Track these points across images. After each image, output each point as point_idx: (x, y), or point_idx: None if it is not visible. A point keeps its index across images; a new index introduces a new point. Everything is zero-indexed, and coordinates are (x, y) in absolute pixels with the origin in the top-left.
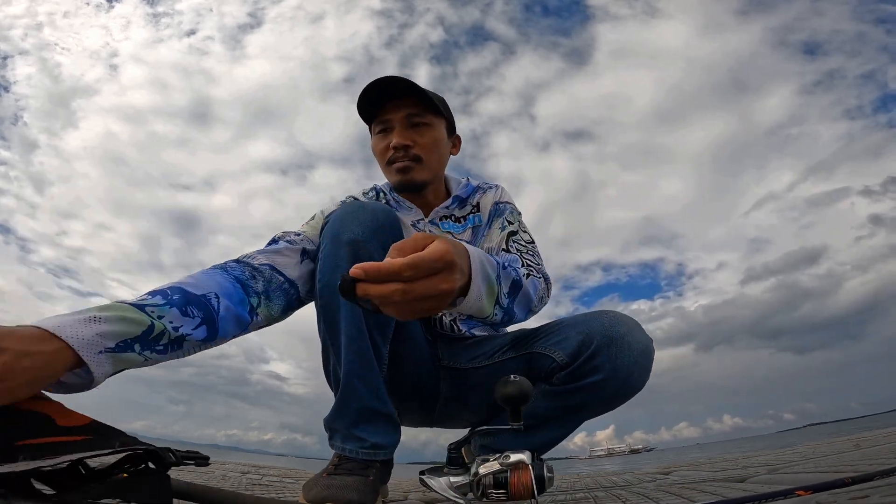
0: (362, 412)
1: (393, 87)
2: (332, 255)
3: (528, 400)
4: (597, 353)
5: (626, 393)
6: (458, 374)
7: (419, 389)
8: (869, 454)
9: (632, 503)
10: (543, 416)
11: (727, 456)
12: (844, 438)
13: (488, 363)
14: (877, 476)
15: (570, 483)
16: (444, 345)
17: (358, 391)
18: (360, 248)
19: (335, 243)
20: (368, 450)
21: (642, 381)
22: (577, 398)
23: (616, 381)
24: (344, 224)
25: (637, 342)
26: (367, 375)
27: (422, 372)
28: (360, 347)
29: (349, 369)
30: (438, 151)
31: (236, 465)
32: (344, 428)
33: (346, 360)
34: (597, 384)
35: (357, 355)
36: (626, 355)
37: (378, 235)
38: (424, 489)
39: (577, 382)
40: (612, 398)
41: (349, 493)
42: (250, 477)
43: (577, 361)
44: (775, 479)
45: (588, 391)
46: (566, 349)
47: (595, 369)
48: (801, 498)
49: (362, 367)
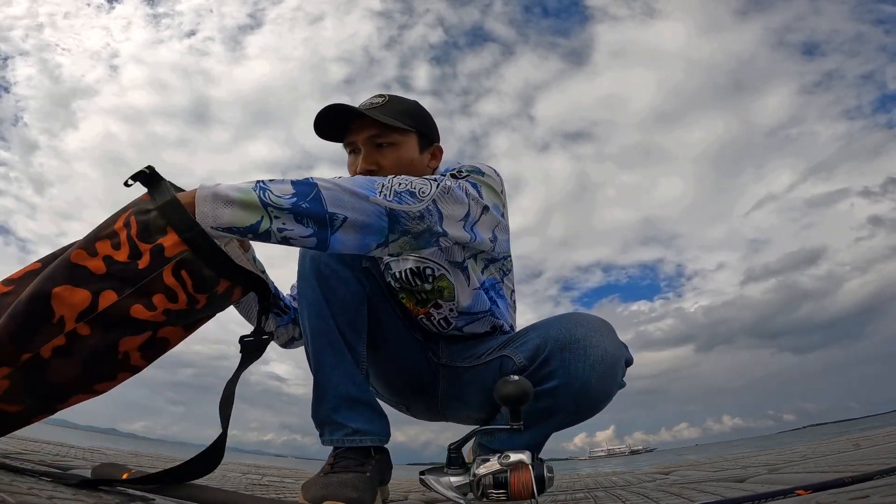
0: (339, 399)
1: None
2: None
3: (527, 400)
4: (550, 358)
5: (588, 402)
6: (454, 372)
7: (417, 386)
8: (869, 454)
9: (632, 503)
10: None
11: (727, 456)
12: (844, 438)
13: (476, 363)
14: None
15: (570, 483)
16: (444, 344)
17: (331, 379)
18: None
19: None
20: (353, 436)
21: (605, 389)
22: (541, 402)
23: (571, 388)
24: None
25: (595, 347)
26: (340, 365)
27: (416, 370)
28: (330, 340)
29: (318, 360)
30: (406, 170)
31: (236, 465)
32: (326, 416)
33: (315, 354)
34: (553, 391)
35: (327, 345)
36: (580, 361)
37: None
38: (425, 489)
39: (538, 387)
40: (576, 407)
41: (347, 491)
42: (250, 477)
43: (532, 366)
44: (775, 479)
45: (547, 397)
46: (525, 352)
47: (549, 375)
48: (801, 497)
49: (333, 356)
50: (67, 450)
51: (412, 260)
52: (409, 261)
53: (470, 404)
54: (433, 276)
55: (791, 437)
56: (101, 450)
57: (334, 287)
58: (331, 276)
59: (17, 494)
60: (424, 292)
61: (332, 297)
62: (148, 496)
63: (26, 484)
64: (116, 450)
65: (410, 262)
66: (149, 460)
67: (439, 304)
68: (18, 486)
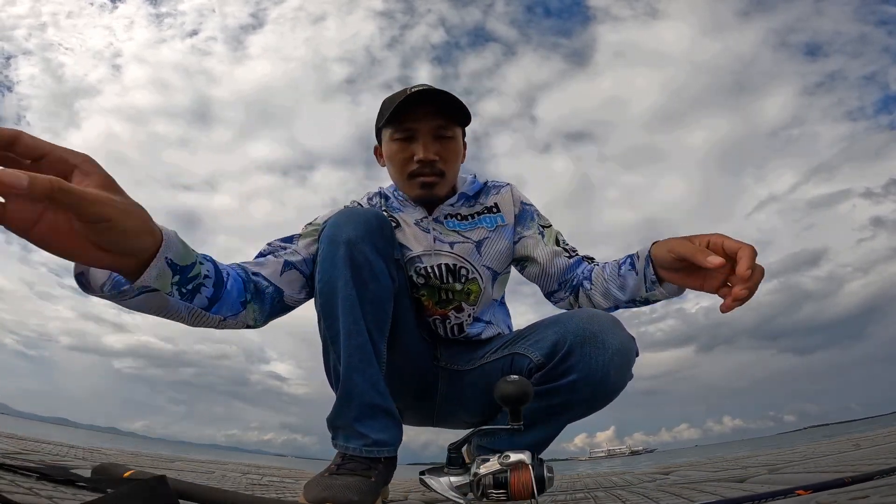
0: (364, 407)
1: (429, 96)
2: (329, 256)
3: (527, 400)
4: (570, 352)
5: (605, 393)
6: (454, 375)
7: (418, 389)
8: (869, 454)
9: (632, 503)
10: (531, 417)
11: (727, 456)
12: (845, 438)
13: (479, 364)
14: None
15: (570, 483)
16: (444, 346)
17: (358, 386)
18: (355, 248)
19: (332, 245)
20: (371, 447)
21: (621, 380)
22: (558, 398)
23: (591, 381)
24: (339, 226)
25: (612, 341)
26: (367, 370)
27: (419, 371)
28: (360, 343)
29: (349, 364)
30: (457, 163)
31: (236, 465)
32: (347, 424)
33: (345, 356)
34: (572, 385)
35: (357, 350)
36: (600, 354)
37: (371, 236)
38: (424, 489)
39: (554, 383)
40: (592, 399)
41: (350, 494)
42: (250, 477)
43: (552, 362)
44: (775, 479)
45: (565, 392)
46: (542, 349)
47: (569, 369)
48: (801, 498)
49: (362, 361)
50: (67, 450)
51: (449, 256)
52: (444, 256)
53: (468, 407)
54: (466, 278)
55: (791, 437)
56: (101, 449)
57: (367, 280)
58: (364, 266)
59: (17, 494)
60: (453, 291)
61: (364, 293)
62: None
63: (26, 484)
64: (117, 449)
65: (446, 257)
66: (149, 460)
67: (461, 308)
68: (18, 486)
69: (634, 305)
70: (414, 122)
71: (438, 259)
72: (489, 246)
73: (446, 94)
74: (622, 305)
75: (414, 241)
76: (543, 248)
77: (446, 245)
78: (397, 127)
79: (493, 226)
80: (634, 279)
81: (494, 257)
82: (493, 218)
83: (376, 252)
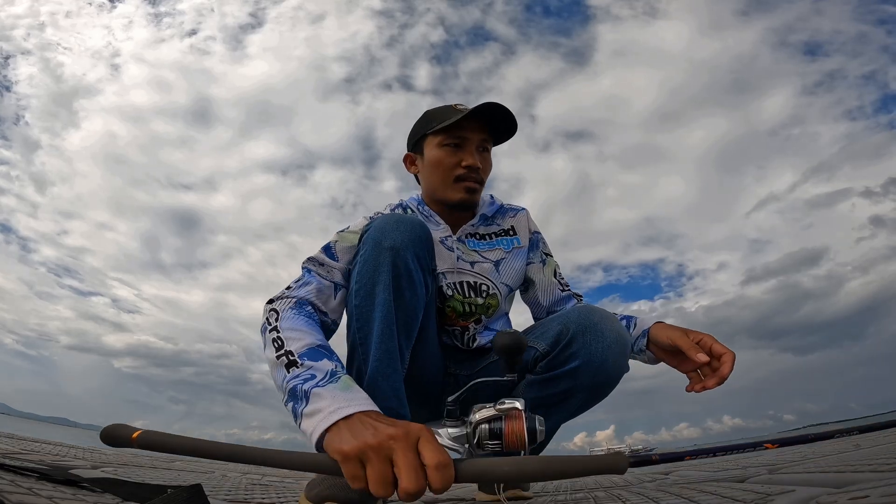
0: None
1: (490, 111)
2: (372, 259)
3: (522, 350)
4: (573, 340)
5: (604, 380)
6: (459, 381)
7: (428, 395)
8: (869, 454)
9: (632, 503)
10: (534, 406)
11: (727, 456)
12: (844, 438)
13: (480, 367)
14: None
15: (570, 483)
16: (452, 354)
17: (382, 391)
18: (398, 255)
19: (376, 249)
20: None
21: (619, 367)
22: (560, 386)
23: (592, 367)
24: (385, 232)
25: (610, 330)
26: (392, 376)
27: (432, 379)
28: (389, 348)
29: (375, 369)
30: (488, 176)
31: (236, 464)
32: None
33: (374, 360)
34: (574, 371)
35: (385, 355)
36: (599, 342)
37: (414, 245)
38: None
39: (557, 370)
40: (592, 386)
41: (351, 494)
42: (250, 477)
43: (556, 350)
44: (775, 479)
45: (567, 378)
46: (546, 339)
47: (572, 356)
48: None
49: (388, 367)
50: (67, 450)
51: (471, 275)
52: (466, 274)
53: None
54: (487, 293)
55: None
56: (101, 449)
57: (404, 288)
58: (404, 274)
59: (16, 494)
60: (476, 305)
61: (401, 300)
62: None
63: (26, 484)
64: (117, 449)
65: (468, 275)
66: (149, 460)
67: (481, 320)
68: (18, 486)
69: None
70: (467, 132)
71: (461, 277)
72: (506, 265)
73: (500, 109)
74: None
75: (438, 258)
76: (542, 276)
77: (468, 264)
78: (448, 135)
79: (509, 248)
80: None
81: (511, 275)
82: (510, 240)
83: (417, 261)
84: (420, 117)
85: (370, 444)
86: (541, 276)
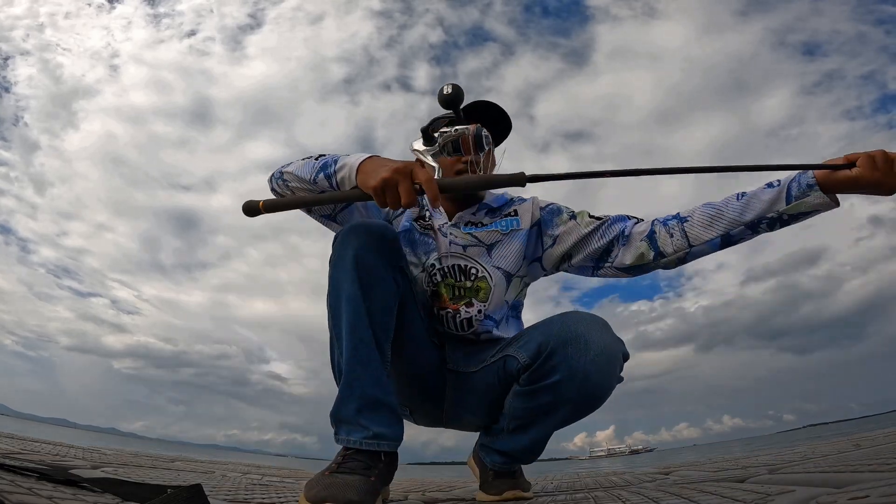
0: (365, 399)
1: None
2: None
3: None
4: (553, 353)
5: (589, 395)
6: (460, 377)
7: (427, 392)
8: (869, 454)
9: (632, 503)
10: (523, 417)
11: (727, 456)
12: (845, 439)
13: (481, 367)
14: None
15: (570, 483)
16: (451, 348)
17: (360, 378)
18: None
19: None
20: (372, 440)
21: (605, 382)
22: (543, 398)
23: (573, 382)
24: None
25: (595, 342)
26: (370, 364)
27: (428, 376)
28: (363, 337)
29: (351, 357)
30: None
31: (236, 465)
32: (349, 416)
33: (348, 350)
34: (555, 385)
35: (360, 343)
36: (582, 355)
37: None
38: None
39: (538, 383)
40: (577, 399)
41: (349, 494)
42: (250, 477)
43: (536, 362)
44: (775, 479)
45: (549, 392)
46: (528, 350)
47: (552, 370)
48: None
49: (364, 355)
50: (67, 450)
51: (461, 258)
52: (457, 258)
53: (474, 410)
54: (476, 276)
55: (791, 437)
56: (101, 449)
57: (371, 282)
58: (371, 269)
59: (16, 494)
60: (464, 288)
61: (370, 293)
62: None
63: (26, 484)
64: (117, 449)
65: (459, 259)
66: (149, 460)
67: (472, 303)
68: (18, 486)
69: (753, 232)
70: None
71: (453, 260)
72: (500, 248)
73: (494, 109)
74: (735, 233)
75: (434, 246)
76: (581, 229)
77: (460, 248)
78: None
79: (506, 229)
80: (770, 194)
81: (506, 259)
82: (507, 221)
83: (381, 258)
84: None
85: (385, 178)
86: (581, 230)
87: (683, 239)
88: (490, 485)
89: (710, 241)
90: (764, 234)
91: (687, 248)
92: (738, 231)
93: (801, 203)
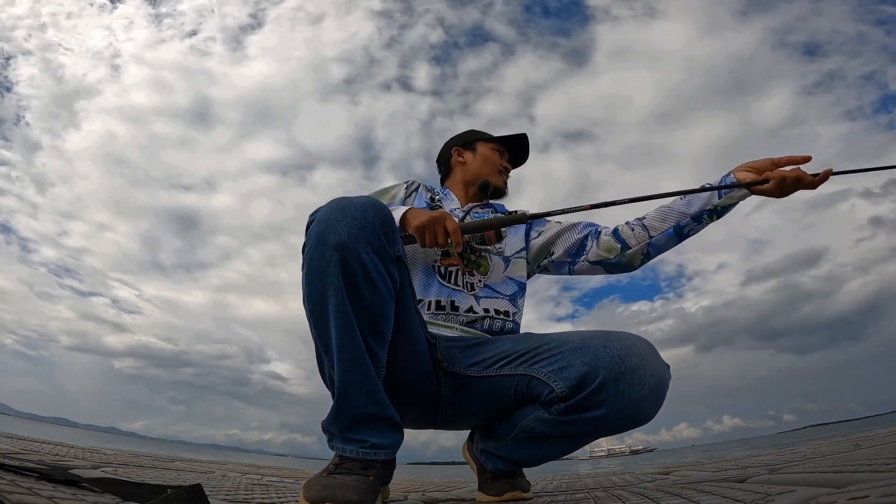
0: (360, 419)
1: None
2: (318, 259)
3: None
4: (601, 388)
5: (631, 425)
6: (457, 379)
7: (420, 393)
8: (869, 454)
9: (632, 503)
10: (542, 435)
11: (727, 456)
12: (845, 439)
13: (486, 374)
14: None
15: (570, 483)
16: (442, 346)
17: (354, 399)
18: (347, 251)
19: (321, 246)
20: (368, 449)
21: (652, 413)
22: (577, 428)
23: (621, 416)
24: (329, 224)
25: (650, 376)
26: (364, 384)
27: (422, 374)
28: (354, 356)
29: (343, 378)
30: None
31: (236, 465)
32: (341, 432)
33: (339, 369)
34: (599, 418)
35: (351, 364)
36: (635, 391)
37: (367, 234)
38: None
39: (577, 415)
40: (616, 430)
41: (348, 493)
42: (250, 477)
43: (579, 395)
44: (775, 479)
45: (588, 423)
46: (567, 380)
47: (598, 404)
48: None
49: (357, 375)
50: (67, 449)
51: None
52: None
53: (475, 413)
54: (478, 255)
55: (791, 437)
56: (101, 449)
57: (361, 286)
58: (358, 271)
59: (16, 494)
60: (468, 260)
61: (359, 299)
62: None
63: (26, 484)
64: (117, 449)
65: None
66: (148, 460)
67: (473, 273)
68: (18, 486)
69: (698, 223)
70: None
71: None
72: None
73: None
74: (684, 223)
75: None
76: (561, 225)
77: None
78: (497, 143)
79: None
80: (707, 194)
81: (507, 242)
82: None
83: (373, 252)
84: (468, 130)
85: (423, 222)
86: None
87: (643, 231)
88: (489, 485)
89: (665, 231)
90: (706, 224)
91: (647, 239)
92: (685, 222)
93: (729, 197)
